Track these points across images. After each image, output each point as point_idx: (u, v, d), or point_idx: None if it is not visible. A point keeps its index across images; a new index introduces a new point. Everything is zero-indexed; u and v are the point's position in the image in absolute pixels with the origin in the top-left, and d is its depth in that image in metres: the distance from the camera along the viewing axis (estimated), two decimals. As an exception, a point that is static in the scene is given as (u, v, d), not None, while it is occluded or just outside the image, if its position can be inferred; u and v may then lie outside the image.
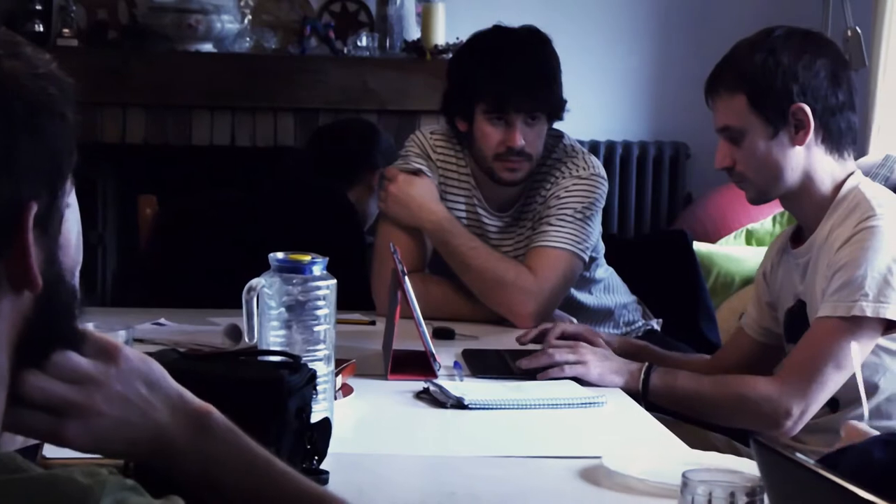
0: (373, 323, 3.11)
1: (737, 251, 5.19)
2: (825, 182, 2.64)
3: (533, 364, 2.64)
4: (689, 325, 3.65)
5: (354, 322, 3.11)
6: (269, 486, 1.29)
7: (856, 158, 5.22)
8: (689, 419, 2.72)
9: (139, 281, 3.79)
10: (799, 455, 1.01)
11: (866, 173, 5.03)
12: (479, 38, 3.31)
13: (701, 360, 2.98)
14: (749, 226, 5.39)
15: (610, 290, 3.46)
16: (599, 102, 6.02)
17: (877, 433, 1.92)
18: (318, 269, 2.09)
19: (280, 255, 2.10)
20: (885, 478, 1.45)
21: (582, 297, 3.38)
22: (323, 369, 2.09)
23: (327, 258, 2.11)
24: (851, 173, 2.66)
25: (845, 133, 2.63)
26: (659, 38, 6.03)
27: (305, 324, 2.09)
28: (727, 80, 2.64)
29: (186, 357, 1.69)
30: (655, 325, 3.50)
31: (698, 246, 5.17)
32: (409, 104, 5.17)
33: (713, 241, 5.42)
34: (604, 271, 3.45)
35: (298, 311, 2.09)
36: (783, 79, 2.58)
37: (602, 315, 3.43)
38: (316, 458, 1.73)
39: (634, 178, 6.00)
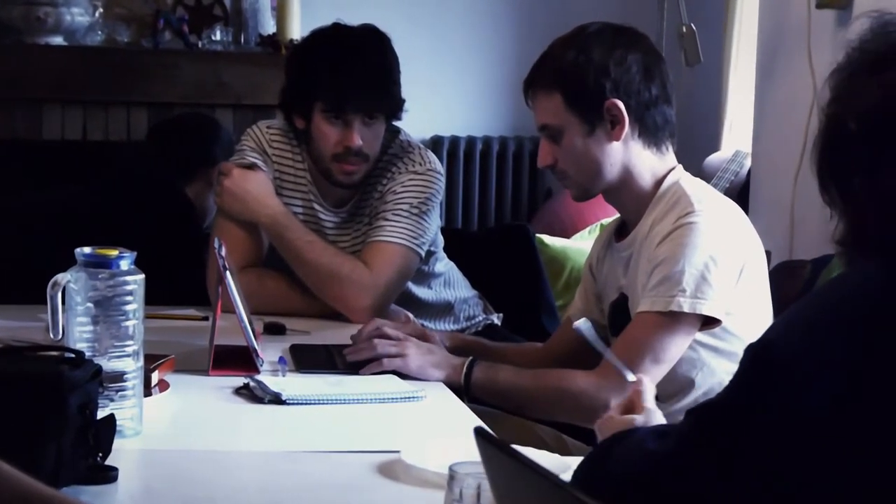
0: (206, 318, 3.09)
1: (590, 246, 5.21)
2: (645, 177, 2.66)
3: (356, 356, 2.64)
4: (530, 318, 3.67)
5: (186, 318, 3.09)
6: None
7: (706, 155, 5.28)
8: (516, 413, 2.73)
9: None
10: (515, 448, 1.02)
11: (717, 169, 5.14)
12: (317, 36, 3.29)
13: (532, 349, 2.99)
14: (603, 220, 5.43)
15: (450, 284, 3.46)
16: (459, 98, 6.04)
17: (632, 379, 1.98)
18: (125, 264, 2.07)
19: (87, 249, 2.08)
20: (655, 470, 1.46)
21: (420, 292, 3.38)
22: (131, 365, 2.08)
23: (136, 252, 2.09)
24: (673, 168, 2.68)
25: (662, 127, 2.65)
26: (519, 34, 6.06)
27: (113, 319, 2.07)
28: (543, 80, 2.65)
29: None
30: (496, 319, 3.52)
31: (553, 240, 5.21)
32: (265, 99, 5.11)
33: (570, 235, 5.45)
34: (443, 265, 3.45)
35: (106, 307, 2.07)
36: (595, 75, 2.59)
37: (441, 310, 3.43)
38: (100, 454, 1.71)
39: (494, 173, 6.01)
